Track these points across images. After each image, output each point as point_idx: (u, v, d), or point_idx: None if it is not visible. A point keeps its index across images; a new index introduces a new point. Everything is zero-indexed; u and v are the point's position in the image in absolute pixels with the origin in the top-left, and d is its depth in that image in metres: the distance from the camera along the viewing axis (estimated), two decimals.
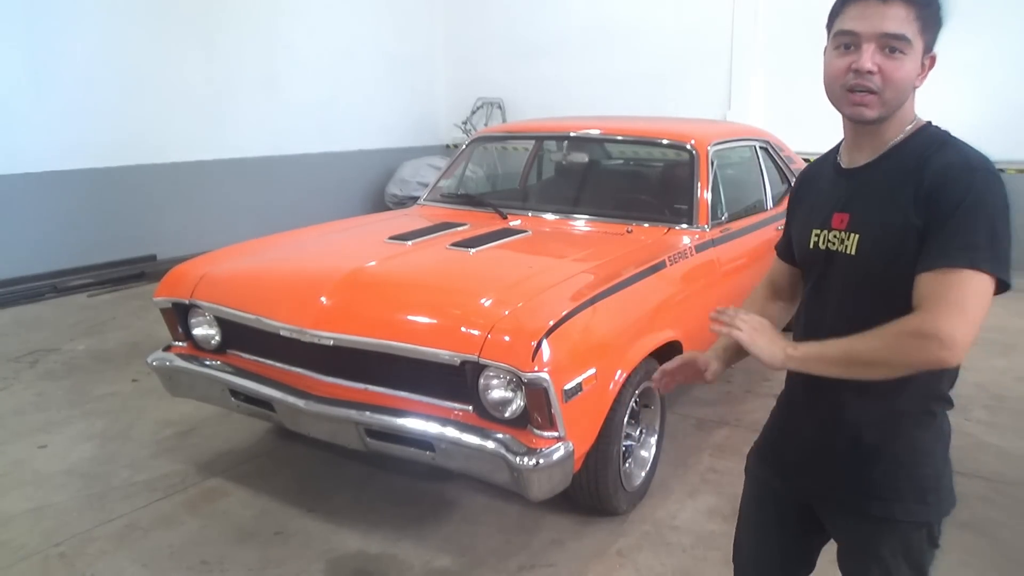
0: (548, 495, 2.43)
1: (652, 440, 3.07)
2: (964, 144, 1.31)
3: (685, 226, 3.51)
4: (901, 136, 1.35)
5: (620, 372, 2.62)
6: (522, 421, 2.39)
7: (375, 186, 8.98)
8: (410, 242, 3.24)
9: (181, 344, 3.14)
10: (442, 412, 2.52)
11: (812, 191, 1.51)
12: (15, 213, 5.94)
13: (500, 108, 9.54)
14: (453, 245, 3.19)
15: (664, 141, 3.97)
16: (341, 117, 8.55)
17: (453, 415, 2.50)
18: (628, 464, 2.92)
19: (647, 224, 3.56)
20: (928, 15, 1.27)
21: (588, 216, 3.74)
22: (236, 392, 2.90)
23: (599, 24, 8.64)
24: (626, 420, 2.76)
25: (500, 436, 2.37)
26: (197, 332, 3.06)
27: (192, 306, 3.01)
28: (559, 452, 2.34)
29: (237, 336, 2.96)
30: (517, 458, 2.30)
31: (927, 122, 1.37)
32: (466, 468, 2.51)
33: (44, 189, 6.07)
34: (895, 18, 1.25)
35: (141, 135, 6.67)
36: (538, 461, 2.30)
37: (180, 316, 3.07)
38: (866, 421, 1.38)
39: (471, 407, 2.48)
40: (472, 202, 4.10)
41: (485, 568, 2.59)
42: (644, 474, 3.00)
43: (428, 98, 9.76)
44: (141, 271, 6.59)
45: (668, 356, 3.03)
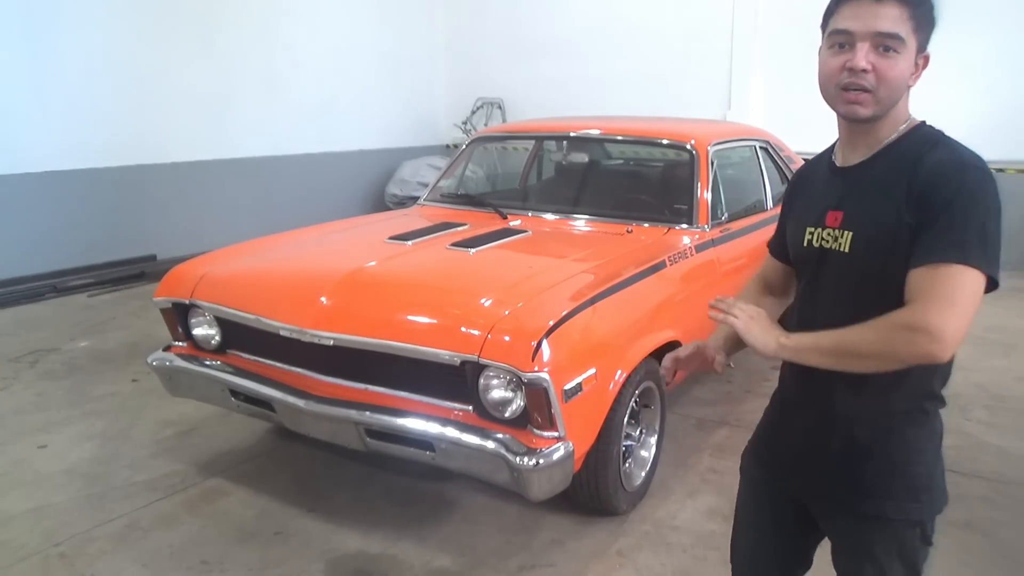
0: (548, 495, 2.43)
1: (652, 440, 3.07)
2: (957, 143, 1.32)
3: (685, 226, 3.52)
4: (895, 135, 1.36)
5: (620, 372, 2.62)
6: (522, 421, 2.40)
7: (375, 186, 8.98)
8: (410, 242, 3.24)
9: (181, 344, 3.14)
10: (442, 412, 2.52)
11: (807, 190, 1.53)
12: (15, 213, 5.94)
13: (500, 108, 9.54)
14: (453, 245, 3.19)
15: (664, 141, 3.97)
16: (341, 117, 8.55)
17: (453, 415, 2.50)
18: (628, 464, 2.92)
19: (647, 224, 3.56)
20: (921, 14, 1.29)
21: (588, 216, 3.75)
22: (236, 392, 2.90)
23: (599, 24, 8.65)
24: (626, 420, 2.76)
25: (500, 436, 2.37)
26: (197, 332, 3.06)
27: (192, 306, 3.01)
28: (559, 452, 2.34)
29: (237, 336, 2.96)
30: (517, 458, 2.30)
31: (921, 121, 1.38)
32: (466, 468, 2.51)
33: (44, 189, 6.07)
34: (889, 17, 1.26)
35: (141, 135, 6.67)
36: (538, 461, 2.30)
37: (180, 316, 3.08)
38: (858, 419, 1.39)
39: (471, 407, 2.48)
40: (472, 202, 4.11)
41: (485, 568, 2.59)
42: (644, 474, 3.00)
43: (428, 98, 9.76)
44: (141, 271, 6.59)
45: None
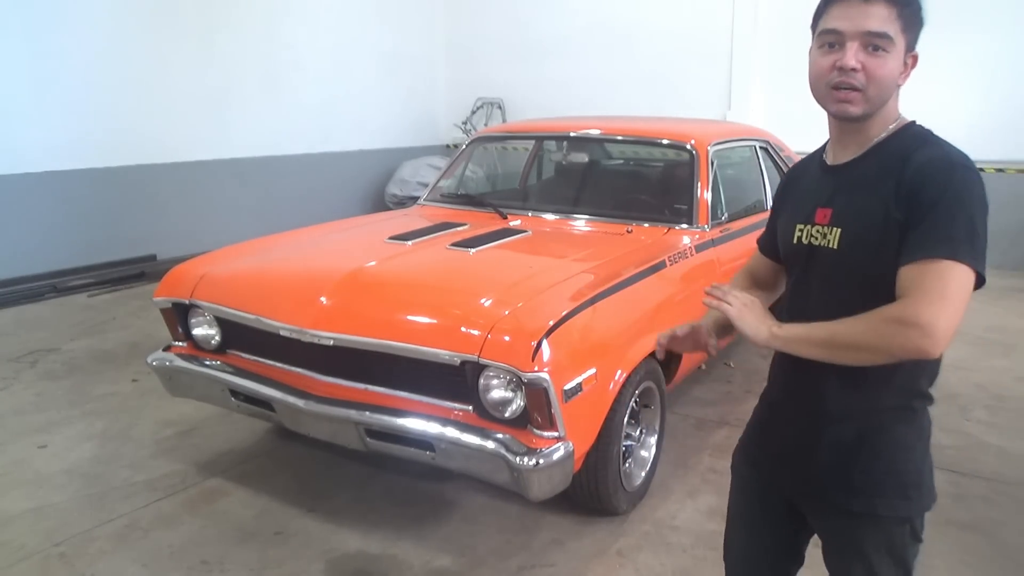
0: (548, 495, 2.43)
1: (652, 440, 3.07)
2: (945, 142, 1.34)
3: (685, 226, 3.52)
4: (884, 134, 1.37)
5: (620, 372, 2.62)
6: (522, 421, 2.39)
7: (375, 186, 8.98)
8: (410, 242, 3.24)
9: (181, 344, 3.14)
10: (442, 412, 2.52)
11: (798, 188, 1.54)
12: (15, 213, 5.94)
13: (500, 108, 9.54)
14: (453, 245, 3.19)
15: (664, 141, 3.97)
16: (341, 117, 8.55)
17: (453, 415, 2.50)
18: (628, 464, 2.92)
19: (647, 224, 3.56)
20: (909, 14, 1.31)
21: (588, 216, 3.75)
22: (236, 392, 2.90)
23: (599, 24, 8.65)
24: (626, 420, 2.76)
25: (500, 436, 2.37)
26: (197, 332, 3.06)
27: (192, 306, 3.01)
28: (559, 452, 2.34)
29: (237, 336, 2.96)
30: (517, 458, 2.30)
31: (911, 121, 1.39)
32: (466, 468, 2.51)
33: (44, 189, 6.07)
34: (877, 17, 1.28)
35: (141, 135, 6.67)
36: (538, 461, 2.30)
37: (180, 316, 3.08)
38: (848, 418, 1.39)
39: (471, 407, 2.48)
40: (472, 202, 4.11)
41: (485, 568, 2.59)
42: (644, 474, 3.00)
43: (428, 98, 9.76)
44: (141, 271, 6.59)
45: (668, 356, 3.05)
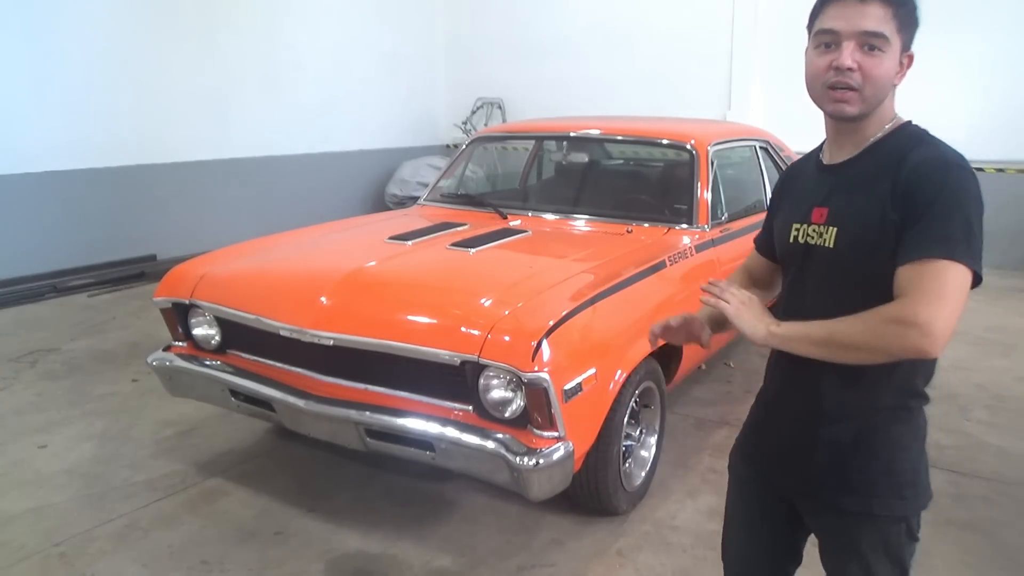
0: (548, 495, 2.43)
1: (652, 440, 3.07)
2: (941, 142, 1.35)
3: (685, 226, 3.52)
4: (881, 133, 1.38)
5: (620, 372, 2.62)
6: (522, 421, 2.39)
7: (375, 186, 8.98)
8: (410, 242, 3.24)
9: (181, 344, 3.14)
10: (442, 412, 2.52)
11: (794, 188, 1.55)
12: (15, 213, 5.94)
13: (500, 108, 9.54)
14: (453, 245, 3.19)
15: (664, 141, 3.97)
16: (341, 117, 8.55)
17: (453, 415, 2.50)
18: (628, 464, 2.92)
19: (647, 224, 3.56)
20: (904, 14, 1.31)
21: (588, 216, 3.75)
22: (236, 392, 2.90)
23: (599, 24, 8.65)
24: (626, 420, 2.76)
25: (500, 436, 2.37)
26: (197, 332, 3.06)
27: (192, 306, 3.01)
28: (559, 452, 2.34)
29: (237, 336, 2.96)
30: (517, 458, 2.30)
31: (907, 120, 1.40)
32: (466, 468, 2.51)
33: (44, 189, 6.07)
34: (873, 16, 1.29)
35: (141, 135, 6.67)
36: (538, 461, 2.30)
37: (180, 316, 3.08)
38: (843, 417, 1.40)
39: (471, 407, 2.48)
40: (472, 202, 4.11)
41: (485, 568, 2.59)
42: (644, 474, 3.00)
43: (428, 98, 9.76)
44: (141, 271, 6.59)
45: (668, 356, 3.06)
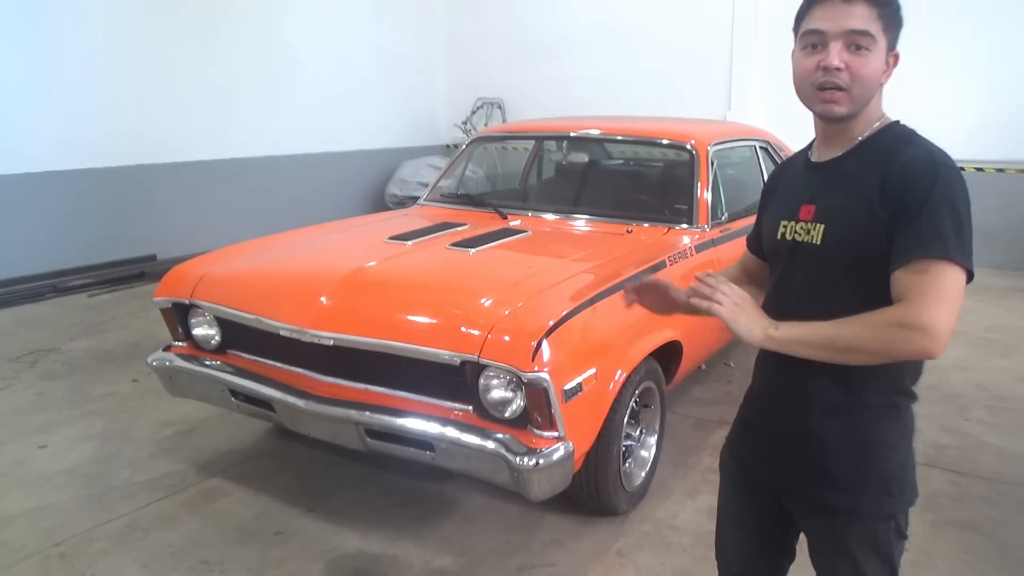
0: (548, 495, 2.43)
1: (652, 440, 3.07)
2: (928, 141, 1.36)
3: (685, 226, 3.52)
4: (869, 132, 1.39)
5: (620, 372, 2.62)
6: (522, 421, 2.39)
7: (375, 186, 8.98)
8: (410, 242, 3.24)
9: (181, 344, 3.14)
10: (442, 412, 2.51)
11: (783, 185, 1.56)
12: (15, 213, 5.94)
13: (500, 108, 9.54)
14: (453, 245, 3.19)
15: (664, 141, 3.97)
16: (341, 117, 8.54)
17: (453, 415, 2.50)
18: (628, 464, 2.92)
19: (647, 224, 3.56)
20: (889, 14, 1.33)
21: (588, 216, 3.75)
22: (236, 392, 2.90)
23: (600, 24, 8.65)
24: (626, 420, 2.76)
25: (500, 436, 2.37)
26: (197, 332, 3.06)
27: (192, 306, 3.01)
28: (559, 452, 2.34)
29: (237, 336, 2.96)
30: (517, 458, 2.30)
31: (895, 120, 1.41)
32: (466, 468, 2.51)
33: (44, 189, 6.07)
34: (859, 16, 1.30)
35: (141, 135, 6.67)
36: (538, 461, 2.30)
37: (180, 316, 3.08)
38: (831, 416, 1.40)
39: (471, 407, 2.48)
40: (472, 202, 4.10)
41: (485, 568, 2.59)
42: (644, 474, 3.00)
43: (428, 98, 9.76)
44: (141, 271, 6.59)
45: (668, 356, 3.06)
